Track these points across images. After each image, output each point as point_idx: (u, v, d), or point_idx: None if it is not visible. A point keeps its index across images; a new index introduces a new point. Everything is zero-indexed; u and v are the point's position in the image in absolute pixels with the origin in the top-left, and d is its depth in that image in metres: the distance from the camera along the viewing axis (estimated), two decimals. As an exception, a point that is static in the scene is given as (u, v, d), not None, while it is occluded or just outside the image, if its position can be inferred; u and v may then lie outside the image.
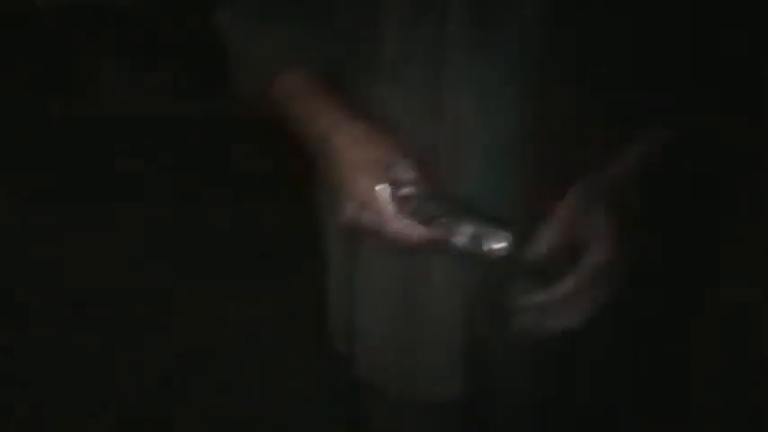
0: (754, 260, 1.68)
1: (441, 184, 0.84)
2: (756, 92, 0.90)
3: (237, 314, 2.30)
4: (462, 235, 0.78)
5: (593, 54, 0.82)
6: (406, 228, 0.80)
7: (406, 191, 0.80)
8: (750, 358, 1.67)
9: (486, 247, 0.77)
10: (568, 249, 0.80)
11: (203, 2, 1.08)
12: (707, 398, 1.66)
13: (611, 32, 0.82)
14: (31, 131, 2.96)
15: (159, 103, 3.04)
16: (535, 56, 0.82)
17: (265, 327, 2.25)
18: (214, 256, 2.48)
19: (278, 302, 2.29)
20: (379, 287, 0.97)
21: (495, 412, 1.03)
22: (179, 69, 3.02)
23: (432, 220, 0.79)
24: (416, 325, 0.96)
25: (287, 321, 2.24)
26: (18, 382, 2.09)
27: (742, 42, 0.87)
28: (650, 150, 0.87)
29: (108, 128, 2.94)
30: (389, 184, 0.80)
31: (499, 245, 0.77)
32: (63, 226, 2.57)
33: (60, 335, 2.22)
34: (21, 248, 2.49)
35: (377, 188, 0.80)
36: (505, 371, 0.98)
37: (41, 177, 2.81)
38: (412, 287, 0.94)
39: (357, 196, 0.82)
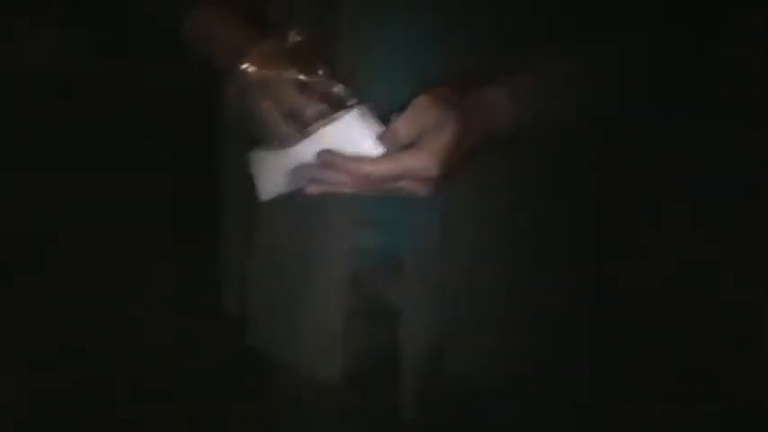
0: (755, 260, 1.69)
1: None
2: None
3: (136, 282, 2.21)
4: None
5: None
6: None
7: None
8: (750, 358, 1.69)
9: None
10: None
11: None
12: (706, 397, 1.67)
13: None
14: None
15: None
16: None
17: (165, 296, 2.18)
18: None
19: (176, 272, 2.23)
20: (271, 253, 0.97)
21: (388, 396, 1.02)
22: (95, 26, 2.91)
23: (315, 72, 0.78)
24: (303, 295, 0.95)
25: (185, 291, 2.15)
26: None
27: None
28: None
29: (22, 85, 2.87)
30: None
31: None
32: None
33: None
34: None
35: (245, 66, 0.79)
36: (403, 350, 0.93)
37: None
38: (303, 255, 0.93)
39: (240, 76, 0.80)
